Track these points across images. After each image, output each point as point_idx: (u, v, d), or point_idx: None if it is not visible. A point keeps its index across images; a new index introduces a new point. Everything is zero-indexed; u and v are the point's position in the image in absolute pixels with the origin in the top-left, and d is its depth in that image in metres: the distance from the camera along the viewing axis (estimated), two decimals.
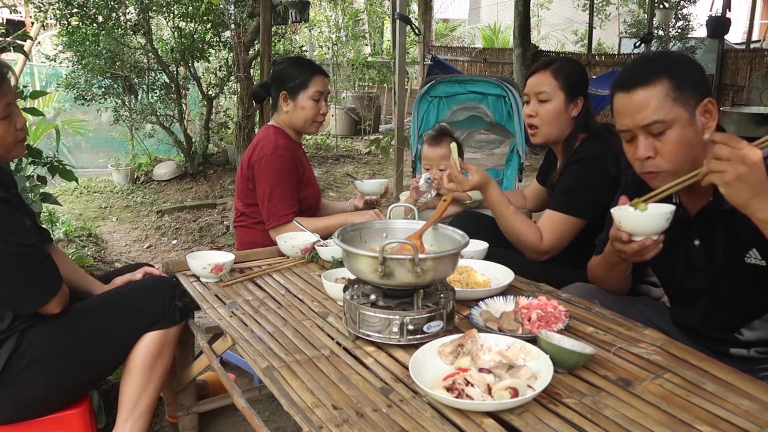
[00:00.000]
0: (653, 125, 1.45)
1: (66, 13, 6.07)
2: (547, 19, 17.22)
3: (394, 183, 5.56)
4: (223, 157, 7.16)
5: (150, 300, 1.81)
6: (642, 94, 1.45)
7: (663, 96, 1.44)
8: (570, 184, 2.13)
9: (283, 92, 2.56)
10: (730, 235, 1.50)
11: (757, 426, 1.14)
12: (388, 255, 1.41)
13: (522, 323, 1.54)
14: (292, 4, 6.22)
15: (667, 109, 1.43)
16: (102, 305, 1.79)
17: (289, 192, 2.51)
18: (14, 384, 1.63)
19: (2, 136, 1.61)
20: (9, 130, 1.62)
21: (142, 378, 1.80)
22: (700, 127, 1.46)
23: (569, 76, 2.19)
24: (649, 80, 1.45)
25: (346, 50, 10.36)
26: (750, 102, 7.23)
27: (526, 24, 8.43)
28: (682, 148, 1.45)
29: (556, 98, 2.17)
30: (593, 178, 2.10)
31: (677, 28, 10.80)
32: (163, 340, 1.82)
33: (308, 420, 1.21)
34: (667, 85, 1.44)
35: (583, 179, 2.11)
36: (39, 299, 1.62)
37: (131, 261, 4.34)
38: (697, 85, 1.46)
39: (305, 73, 2.55)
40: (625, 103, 1.48)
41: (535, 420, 1.18)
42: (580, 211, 2.09)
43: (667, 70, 1.45)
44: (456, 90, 3.43)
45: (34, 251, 1.62)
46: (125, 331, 1.78)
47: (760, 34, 12.87)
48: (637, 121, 1.46)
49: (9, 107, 1.59)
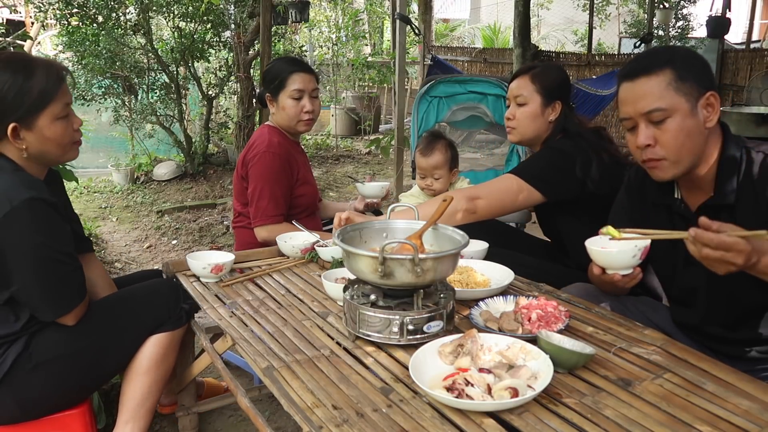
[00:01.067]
0: (653, 113, 1.47)
1: (66, 13, 6.07)
2: (547, 19, 17.21)
3: (394, 183, 5.56)
4: (223, 157, 7.16)
5: (155, 303, 1.81)
6: (644, 83, 1.48)
7: (665, 85, 1.46)
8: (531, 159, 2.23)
9: (267, 94, 2.57)
10: None
11: (757, 426, 1.14)
12: (388, 255, 1.41)
13: (522, 323, 1.54)
14: (292, 4, 6.22)
15: (668, 98, 1.46)
16: (107, 309, 1.79)
17: (279, 192, 2.49)
18: (19, 385, 1.63)
19: (61, 135, 1.64)
20: (67, 130, 1.66)
21: (146, 380, 1.80)
22: (701, 119, 1.48)
23: (547, 81, 2.24)
24: (652, 70, 1.48)
25: (346, 50, 10.36)
26: (750, 102, 7.23)
27: (526, 24, 8.42)
28: (682, 138, 1.47)
29: (532, 102, 2.24)
30: (556, 160, 2.15)
31: (677, 28, 10.79)
32: (169, 343, 1.82)
33: (308, 420, 1.21)
34: (669, 75, 1.46)
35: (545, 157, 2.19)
36: (60, 309, 1.63)
37: (131, 261, 4.35)
38: (700, 78, 1.48)
39: (283, 72, 2.53)
40: (628, 91, 1.52)
41: (535, 420, 1.18)
42: (533, 179, 2.11)
43: (670, 62, 1.47)
44: (456, 90, 3.43)
45: (68, 260, 1.63)
46: (131, 334, 1.78)
47: (760, 34, 12.87)
48: (638, 108, 1.49)
49: (67, 107, 1.65)
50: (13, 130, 1.58)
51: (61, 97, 1.62)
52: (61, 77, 1.64)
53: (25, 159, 1.65)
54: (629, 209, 1.78)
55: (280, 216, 2.48)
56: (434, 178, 2.63)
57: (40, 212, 1.56)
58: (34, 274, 1.56)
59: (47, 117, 1.61)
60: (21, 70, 1.58)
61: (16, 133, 1.59)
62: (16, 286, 1.56)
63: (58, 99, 1.62)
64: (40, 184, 1.61)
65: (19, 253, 1.55)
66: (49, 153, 1.66)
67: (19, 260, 1.55)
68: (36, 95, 1.58)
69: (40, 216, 1.55)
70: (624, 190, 1.81)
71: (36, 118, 1.60)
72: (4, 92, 1.55)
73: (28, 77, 1.58)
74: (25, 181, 1.59)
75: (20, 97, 1.56)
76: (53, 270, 1.59)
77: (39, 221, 1.55)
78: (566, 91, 2.28)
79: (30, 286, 1.57)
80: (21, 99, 1.56)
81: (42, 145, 1.63)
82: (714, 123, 1.49)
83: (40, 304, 1.61)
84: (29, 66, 1.60)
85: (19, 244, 1.54)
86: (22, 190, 1.54)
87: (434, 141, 2.65)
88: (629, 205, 1.78)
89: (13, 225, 1.52)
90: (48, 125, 1.61)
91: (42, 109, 1.60)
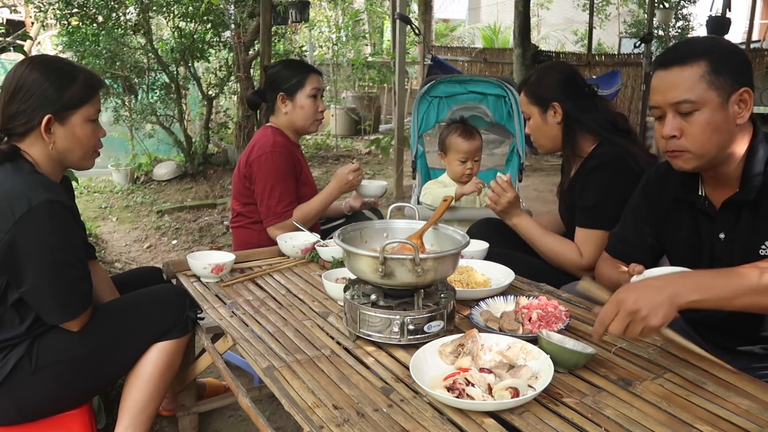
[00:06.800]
0: (682, 104, 1.44)
1: (66, 13, 6.07)
2: (547, 19, 17.20)
3: (394, 183, 5.56)
4: (223, 157, 7.16)
5: (161, 310, 1.80)
6: (677, 73, 1.45)
7: (698, 77, 1.43)
8: (592, 197, 2.07)
9: (280, 94, 2.56)
10: (752, 226, 1.48)
11: (757, 426, 1.14)
12: (389, 255, 1.41)
13: (522, 323, 1.54)
14: (292, 4, 6.23)
15: (700, 90, 1.42)
16: (112, 314, 1.77)
17: (289, 190, 2.52)
18: (19, 389, 1.63)
19: (89, 137, 1.72)
20: (94, 134, 1.75)
21: (149, 387, 1.78)
22: (732, 114, 1.44)
23: (538, 88, 2.22)
24: (686, 60, 1.44)
25: (346, 50, 10.36)
26: None
27: (526, 24, 8.44)
28: (708, 132, 1.44)
29: (532, 114, 2.23)
30: (614, 185, 2.03)
31: (677, 28, 10.81)
32: (173, 350, 1.80)
33: (309, 420, 1.21)
34: (704, 67, 1.43)
35: (604, 190, 2.05)
36: (67, 314, 1.63)
37: (131, 261, 4.35)
38: (737, 73, 1.44)
39: (300, 72, 2.57)
40: (661, 80, 1.49)
41: (535, 420, 1.18)
42: (608, 223, 1.99)
43: (707, 53, 1.44)
44: (456, 90, 3.43)
45: (80, 266, 1.64)
46: (135, 341, 1.77)
47: (760, 34, 12.86)
48: (668, 98, 1.46)
49: (97, 114, 1.75)
50: (48, 121, 1.64)
51: (95, 102, 1.73)
52: (98, 85, 1.75)
53: (47, 158, 1.68)
54: (645, 211, 1.74)
55: (290, 212, 2.50)
56: (474, 161, 2.68)
57: (58, 215, 1.57)
58: (47, 276, 1.56)
59: (81, 116, 1.69)
60: (66, 71, 1.69)
61: (48, 126, 1.64)
62: (26, 286, 1.56)
63: (92, 103, 1.71)
64: (58, 187, 1.64)
65: (35, 254, 1.55)
66: (73, 153, 1.71)
67: (33, 261, 1.55)
68: (75, 93, 1.67)
69: (58, 219, 1.57)
70: (640, 191, 1.77)
71: (71, 115, 1.67)
72: (46, 86, 1.64)
73: (71, 79, 1.67)
74: (43, 182, 1.61)
75: (61, 92, 1.65)
76: (65, 274, 1.59)
77: (56, 224, 1.57)
78: (567, 89, 2.19)
79: (41, 288, 1.57)
80: (61, 94, 1.65)
81: (69, 142, 1.69)
82: (745, 120, 1.46)
83: (49, 306, 1.60)
84: (73, 70, 1.71)
85: (35, 244, 1.54)
86: (41, 191, 1.56)
87: (468, 125, 2.77)
88: (646, 207, 1.74)
89: (31, 225, 1.53)
90: (80, 123, 1.69)
91: (78, 107, 1.68)
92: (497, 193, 2.17)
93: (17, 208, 1.52)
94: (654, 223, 1.72)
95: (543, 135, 2.23)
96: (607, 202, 2.03)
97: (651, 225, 1.72)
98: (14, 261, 1.54)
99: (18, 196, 1.54)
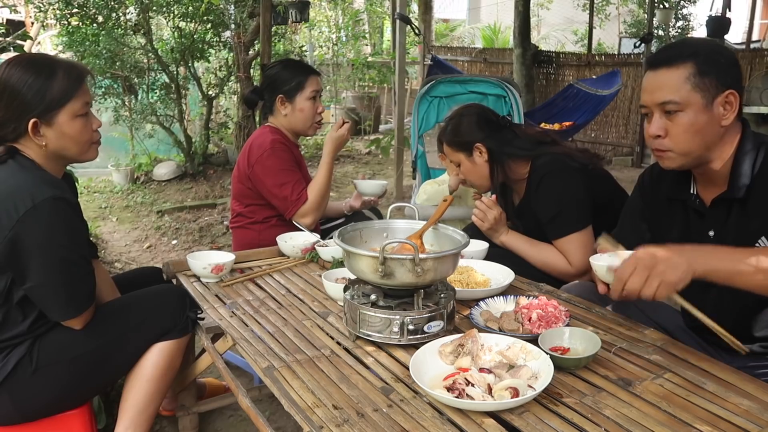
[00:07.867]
0: (667, 104, 1.47)
1: (66, 13, 6.07)
2: (547, 19, 17.20)
3: (394, 183, 5.56)
4: (223, 157, 7.15)
5: (161, 310, 1.80)
6: (664, 74, 1.49)
7: (683, 79, 1.46)
8: (553, 206, 2.09)
9: (279, 96, 2.55)
10: (742, 223, 1.50)
11: (757, 426, 1.14)
12: (389, 255, 1.41)
13: (522, 323, 1.54)
14: (292, 4, 6.23)
15: (684, 92, 1.46)
16: (113, 314, 1.77)
17: (297, 177, 2.49)
18: (19, 389, 1.63)
19: (80, 132, 1.68)
20: (86, 128, 1.70)
21: (149, 387, 1.78)
22: (717, 116, 1.47)
23: (455, 136, 2.26)
24: (674, 62, 1.48)
25: (346, 50, 10.36)
26: (750, 102, 7.20)
27: (526, 24, 8.43)
28: (691, 133, 1.47)
29: (460, 160, 2.27)
30: (567, 187, 2.08)
31: (677, 28, 10.80)
32: (174, 350, 1.80)
33: (309, 420, 1.21)
34: (690, 69, 1.46)
35: (560, 194, 2.08)
36: (71, 311, 1.62)
37: (131, 261, 4.35)
38: (723, 76, 1.47)
39: (300, 74, 2.55)
40: (649, 80, 1.53)
41: (535, 420, 1.18)
42: (578, 223, 2.06)
43: (694, 56, 1.47)
44: (456, 90, 3.43)
45: (83, 262, 1.64)
46: (135, 341, 1.77)
47: (760, 34, 12.86)
48: (654, 98, 1.50)
49: (87, 106, 1.70)
50: (33, 125, 1.62)
51: (81, 95, 1.67)
52: (81, 77, 1.69)
53: (44, 157, 1.67)
54: (641, 209, 1.77)
55: (305, 194, 2.47)
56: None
57: (63, 212, 1.57)
58: (51, 272, 1.56)
59: (66, 114, 1.65)
60: (44, 69, 1.63)
61: (36, 129, 1.62)
62: (31, 282, 1.56)
63: (77, 97, 1.66)
64: (62, 184, 1.64)
65: (39, 251, 1.55)
66: (68, 150, 1.69)
67: (37, 257, 1.55)
68: (56, 93, 1.63)
69: (62, 215, 1.57)
70: (638, 191, 1.80)
71: (55, 115, 1.64)
72: (24, 91, 1.60)
73: (50, 77, 1.63)
74: (47, 179, 1.61)
75: (40, 95, 1.61)
76: (70, 271, 1.59)
77: (61, 220, 1.57)
78: (485, 127, 2.22)
79: (45, 284, 1.57)
80: (41, 96, 1.61)
81: (61, 141, 1.66)
82: (730, 121, 1.48)
83: (53, 303, 1.60)
84: (51, 66, 1.65)
85: (40, 241, 1.54)
86: (45, 188, 1.56)
87: None
88: (642, 206, 1.77)
89: (35, 222, 1.53)
90: (67, 122, 1.65)
91: (61, 106, 1.64)
92: (483, 211, 2.17)
93: (21, 205, 1.52)
94: (650, 221, 1.74)
95: (477, 176, 2.26)
96: (569, 204, 2.07)
97: (647, 222, 1.75)
98: (18, 257, 1.54)
99: (22, 193, 1.54)
